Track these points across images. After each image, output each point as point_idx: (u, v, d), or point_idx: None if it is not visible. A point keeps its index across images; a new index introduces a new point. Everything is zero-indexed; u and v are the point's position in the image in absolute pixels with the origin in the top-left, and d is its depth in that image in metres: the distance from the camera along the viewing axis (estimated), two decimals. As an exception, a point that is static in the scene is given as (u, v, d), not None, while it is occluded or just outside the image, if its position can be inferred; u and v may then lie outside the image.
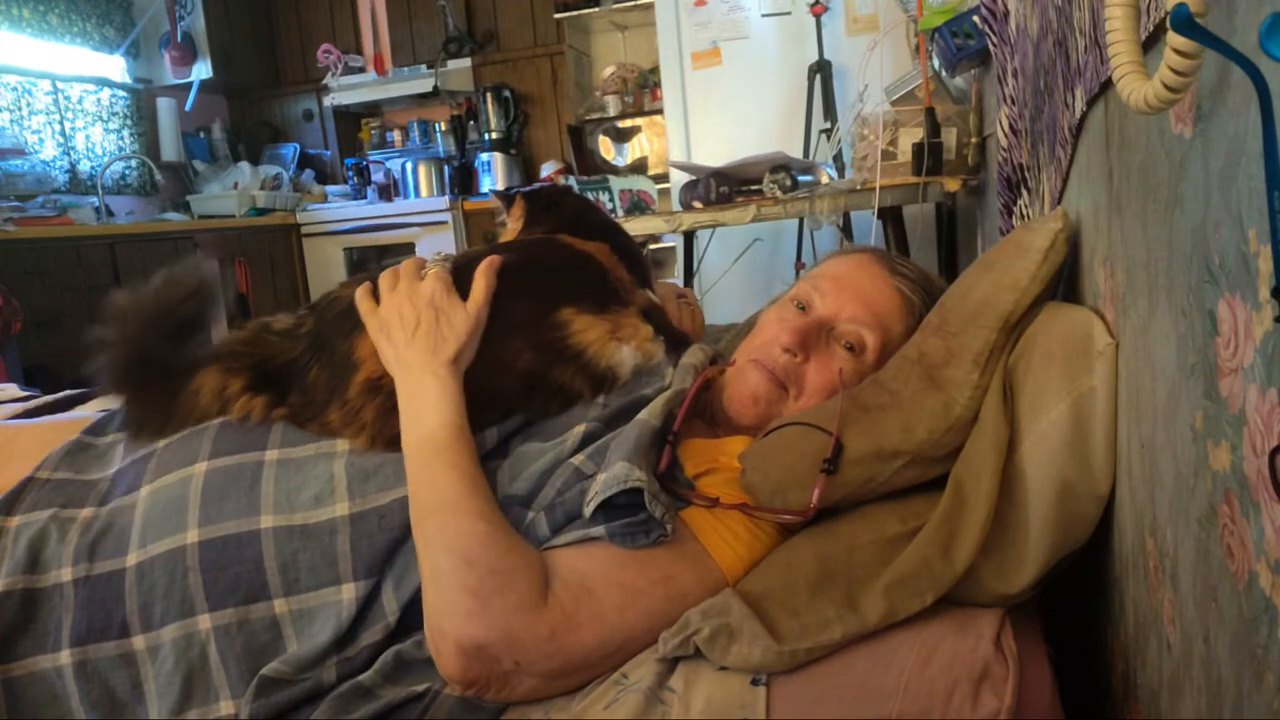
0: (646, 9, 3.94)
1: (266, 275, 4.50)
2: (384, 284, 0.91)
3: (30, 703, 0.79)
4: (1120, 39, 0.50)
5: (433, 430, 0.83)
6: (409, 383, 0.86)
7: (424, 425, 0.83)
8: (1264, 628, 0.45)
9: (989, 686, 0.69)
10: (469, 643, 0.74)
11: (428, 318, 0.87)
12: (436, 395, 0.84)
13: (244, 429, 0.89)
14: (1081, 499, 0.75)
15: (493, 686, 0.76)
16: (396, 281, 0.91)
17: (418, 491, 0.81)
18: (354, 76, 4.89)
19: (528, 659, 0.75)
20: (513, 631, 0.74)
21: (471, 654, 0.74)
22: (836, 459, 0.82)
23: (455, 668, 0.75)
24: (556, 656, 0.75)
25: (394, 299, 0.89)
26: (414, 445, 0.83)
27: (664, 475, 0.83)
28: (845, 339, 0.96)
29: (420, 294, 0.89)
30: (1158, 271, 0.61)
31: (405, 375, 0.86)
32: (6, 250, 3.14)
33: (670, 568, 0.80)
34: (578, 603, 0.76)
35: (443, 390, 0.85)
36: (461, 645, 0.74)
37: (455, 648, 0.74)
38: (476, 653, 0.74)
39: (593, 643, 0.77)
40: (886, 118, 2.16)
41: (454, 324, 0.87)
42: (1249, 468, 0.46)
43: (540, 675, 0.76)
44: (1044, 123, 1.00)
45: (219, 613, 0.79)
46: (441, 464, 0.81)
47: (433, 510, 0.80)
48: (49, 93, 4.16)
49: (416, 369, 0.86)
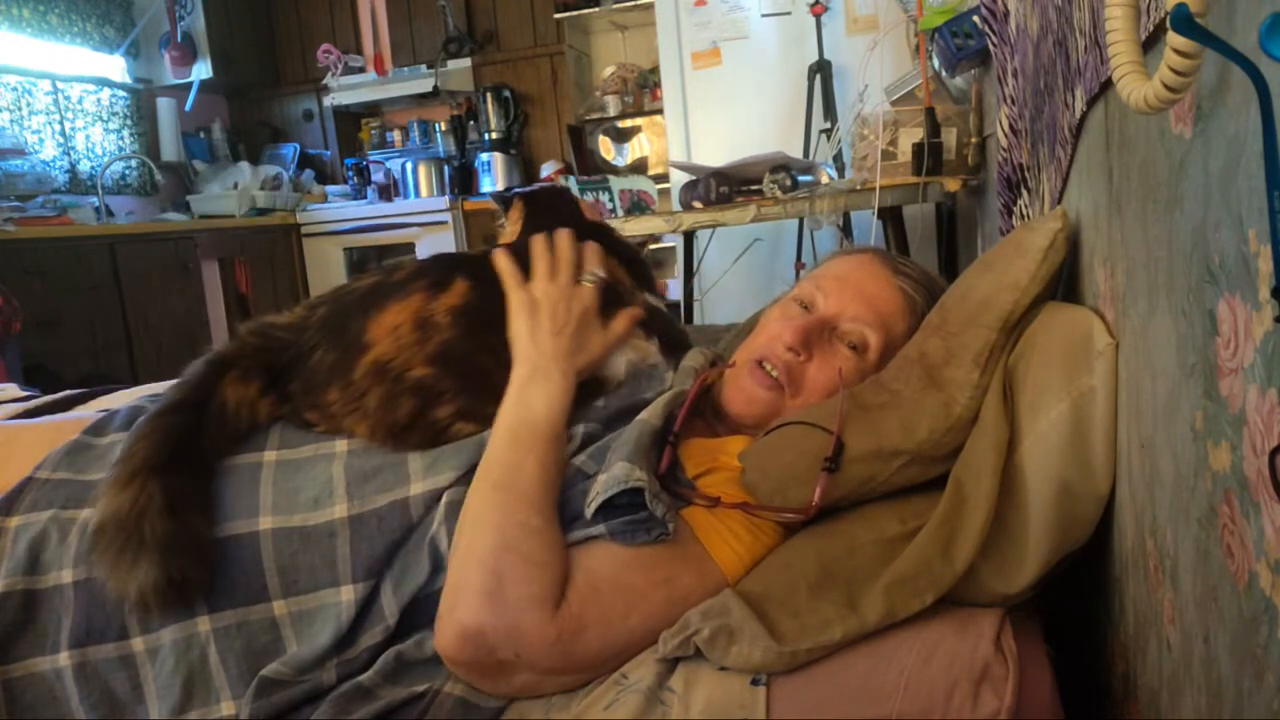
0: (646, 9, 3.94)
1: (266, 275, 4.50)
2: (541, 267, 0.93)
3: (30, 704, 0.79)
4: (1120, 39, 0.50)
5: (538, 419, 0.84)
6: (537, 365, 0.87)
7: (531, 410, 0.85)
8: (1264, 628, 0.45)
9: (989, 686, 0.69)
10: (473, 625, 0.74)
11: (576, 326, 0.91)
12: (557, 390, 0.86)
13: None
14: (1081, 499, 0.75)
15: (487, 674, 0.76)
16: (557, 270, 0.93)
17: (493, 465, 0.82)
18: (354, 76, 4.89)
19: (530, 655, 0.75)
20: (521, 626, 0.74)
21: (472, 637, 0.74)
22: (838, 457, 0.82)
23: (452, 646, 0.75)
24: (559, 657, 0.75)
25: (553, 290, 0.92)
26: (511, 423, 0.84)
27: (665, 475, 0.83)
28: (848, 338, 0.96)
29: (579, 300, 0.92)
30: (1158, 271, 0.61)
31: (536, 357, 0.88)
32: (6, 250, 3.14)
33: (672, 569, 0.80)
34: (585, 604, 0.77)
35: (564, 389, 0.87)
36: (465, 626, 0.74)
37: (459, 626, 0.74)
38: (477, 637, 0.74)
39: (596, 647, 0.77)
40: (886, 118, 2.16)
41: (593, 343, 0.92)
42: (1249, 468, 0.46)
43: (539, 671, 0.76)
44: (1044, 123, 1.00)
45: (218, 614, 0.79)
46: (530, 452, 0.82)
47: (499, 487, 0.80)
48: (49, 93, 4.16)
49: (549, 357, 0.88)
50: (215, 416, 0.86)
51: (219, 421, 0.86)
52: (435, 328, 0.88)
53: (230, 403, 0.87)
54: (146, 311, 3.64)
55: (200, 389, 0.87)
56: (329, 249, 4.73)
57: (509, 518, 0.78)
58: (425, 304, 0.89)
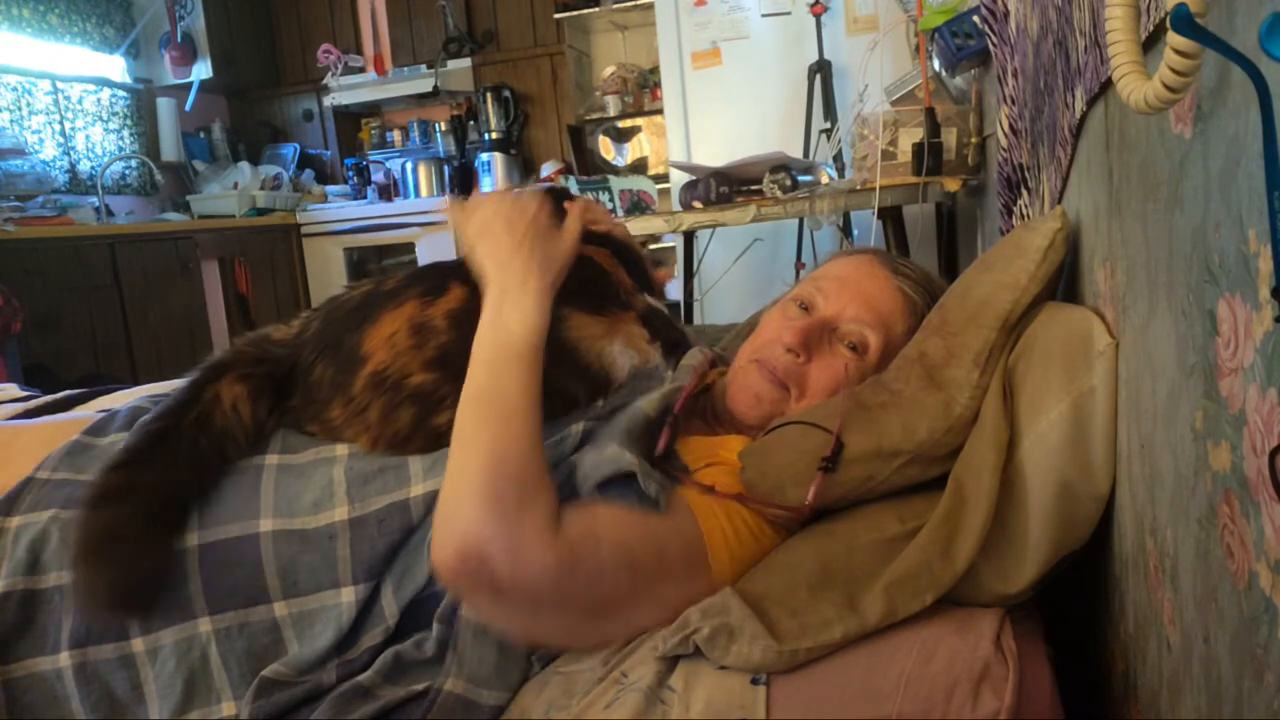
0: (646, 9, 3.95)
1: (266, 275, 4.50)
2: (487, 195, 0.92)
3: (30, 704, 0.79)
4: (1120, 39, 0.50)
5: (515, 337, 0.82)
6: (507, 282, 0.84)
7: (507, 329, 0.82)
8: (1264, 628, 0.45)
9: (989, 686, 0.69)
10: (474, 542, 0.72)
11: (533, 233, 0.87)
12: (531, 308, 0.83)
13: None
14: (1081, 499, 0.75)
15: (478, 593, 0.75)
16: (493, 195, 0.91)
17: (474, 384, 0.80)
18: (354, 76, 4.89)
19: (525, 579, 0.73)
20: (522, 547, 0.72)
21: (472, 554, 0.72)
22: (835, 457, 0.82)
23: (450, 563, 0.73)
24: (551, 588, 0.74)
25: (497, 204, 0.89)
26: (488, 343, 0.82)
27: (661, 458, 0.83)
28: (848, 339, 0.96)
29: (526, 208, 0.88)
30: (1158, 271, 0.61)
31: (504, 275, 0.85)
32: (6, 250, 3.14)
33: (666, 539, 0.80)
34: (582, 542, 0.76)
35: (537, 306, 0.84)
36: (466, 542, 0.72)
37: (460, 542, 0.72)
38: (478, 554, 0.72)
39: (586, 591, 0.76)
40: (886, 118, 2.15)
41: (555, 249, 0.88)
42: (1249, 468, 0.46)
43: (525, 603, 0.75)
44: (1044, 123, 1.00)
45: (219, 615, 0.79)
46: (510, 371, 0.80)
47: (484, 404, 0.79)
48: (49, 93, 4.16)
49: (519, 273, 0.84)
50: (204, 410, 0.85)
51: (207, 416, 0.85)
52: (433, 332, 0.87)
53: (225, 399, 0.86)
54: (146, 311, 3.64)
55: (193, 389, 0.87)
56: (329, 249, 4.73)
57: (500, 438, 0.76)
58: (421, 310, 0.88)
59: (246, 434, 0.86)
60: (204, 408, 0.85)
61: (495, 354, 0.81)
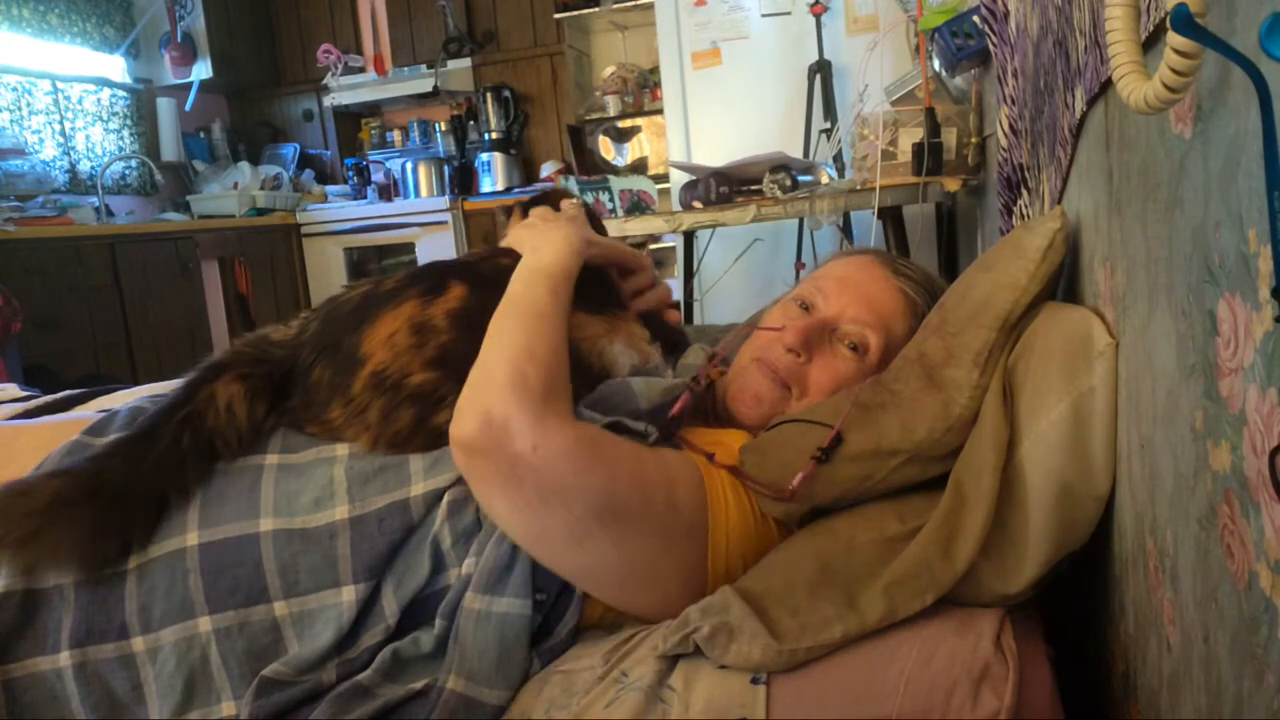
0: (646, 9, 3.94)
1: (266, 275, 4.50)
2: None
3: (30, 704, 0.79)
4: (1120, 39, 0.50)
5: (547, 264, 0.90)
6: (545, 234, 0.94)
7: (541, 259, 0.90)
8: (1264, 628, 0.45)
9: (989, 686, 0.69)
10: (499, 413, 0.76)
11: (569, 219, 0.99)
12: (564, 249, 0.92)
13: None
14: (1081, 499, 0.75)
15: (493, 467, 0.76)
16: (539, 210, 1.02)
17: (509, 296, 0.87)
18: (354, 76, 4.89)
19: (543, 456, 0.75)
20: (545, 424, 0.76)
21: (496, 424, 0.76)
22: (831, 449, 0.83)
23: (472, 431, 0.76)
24: (567, 471, 0.76)
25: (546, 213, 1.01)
26: (525, 268, 0.90)
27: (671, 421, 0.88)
28: (848, 339, 0.97)
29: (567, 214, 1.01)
30: (1158, 271, 0.61)
31: (543, 229, 0.95)
32: (6, 250, 3.14)
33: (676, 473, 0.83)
34: (601, 440, 0.80)
35: (570, 250, 0.92)
36: (491, 413, 0.76)
37: (484, 412, 0.76)
38: (502, 424, 0.76)
39: (596, 487, 0.77)
40: (886, 118, 2.15)
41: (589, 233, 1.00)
42: (1249, 468, 0.46)
43: (536, 487, 0.76)
44: (1044, 123, 1.00)
45: (219, 615, 0.79)
46: (543, 283, 0.87)
47: (517, 307, 0.85)
48: (49, 93, 4.16)
49: (559, 229, 0.95)
50: (196, 410, 0.85)
51: (199, 415, 0.85)
52: (433, 331, 0.87)
53: (220, 399, 0.86)
54: (146, 311, 3.64)
55: (188, 388, 0.87)
56: (329, 249, 4.73)
57: (529, 330, 0.82)
58: (421, 310, 0.88)
59: (240, 434, 0.86)
60: (196, 407, 0.85)
61: (530, 275, 0.89)
